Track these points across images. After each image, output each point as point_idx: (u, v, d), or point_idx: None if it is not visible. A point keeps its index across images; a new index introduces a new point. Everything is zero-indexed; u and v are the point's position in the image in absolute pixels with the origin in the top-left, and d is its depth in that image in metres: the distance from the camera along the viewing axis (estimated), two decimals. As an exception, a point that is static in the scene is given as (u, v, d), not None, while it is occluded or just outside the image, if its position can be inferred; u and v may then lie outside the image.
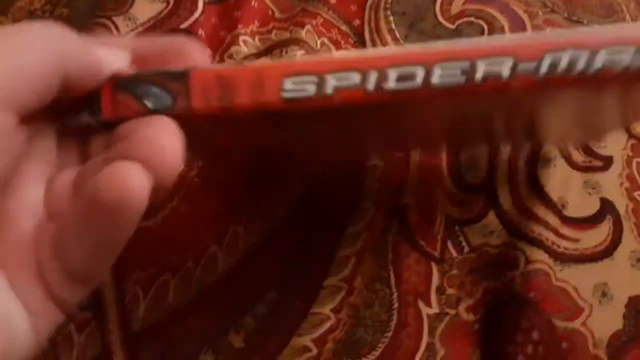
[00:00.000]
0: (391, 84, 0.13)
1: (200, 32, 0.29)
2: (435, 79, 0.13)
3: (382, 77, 0.13)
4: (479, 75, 0.13)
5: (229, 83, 0.14)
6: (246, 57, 0.28)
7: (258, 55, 0.29)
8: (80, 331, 0.24)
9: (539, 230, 0.24)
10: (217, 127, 0.16)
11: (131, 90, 0.14)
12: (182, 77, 0.14)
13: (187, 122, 0.14)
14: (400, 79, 0.13)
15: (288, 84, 0.13)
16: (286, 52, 0.28)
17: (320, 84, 0.13)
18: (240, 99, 0.14)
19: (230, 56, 0.28)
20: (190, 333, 0.24)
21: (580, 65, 0.13)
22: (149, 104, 0.14)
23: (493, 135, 0.23)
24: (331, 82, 0.13)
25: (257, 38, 0.29)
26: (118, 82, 0.14)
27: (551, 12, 0.28)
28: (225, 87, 0.14)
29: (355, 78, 0.13)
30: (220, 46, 0.29)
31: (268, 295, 0.24)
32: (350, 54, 0.14)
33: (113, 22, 0.29)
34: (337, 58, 0.13)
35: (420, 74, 0.13)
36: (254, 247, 0.25)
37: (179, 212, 0.25)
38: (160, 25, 0.29)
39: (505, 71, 0.13)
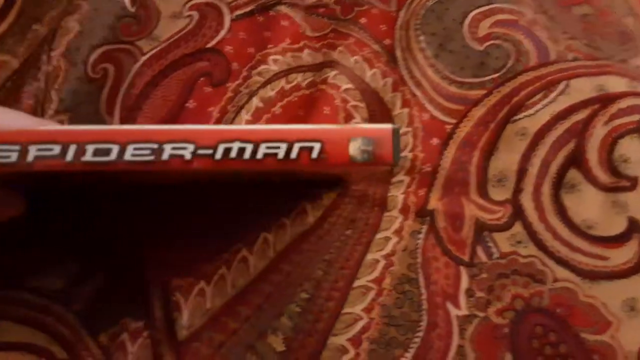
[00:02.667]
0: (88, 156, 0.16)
1: (228, 48, 0.30)
2: (127, 156, 0.16)
3: (80, 150, 0.16)
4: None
5: None
6: (276, 75, 0.29)
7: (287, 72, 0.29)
8: (133, 341, 0.25)
9: (565, 252, 0.25)
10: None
11: None
12: None
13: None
14: (97, 153, 0.16)
15: None
16: (319, 75, 0.29)
17: (22, 152, 0.15)
18: None
19: (259, 74, 0.29)
20: (231, 337, 0.25)
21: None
22: None
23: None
24: (32, 152, 0.16)
25: (288, 55, 0.30)
26: None
27: (572, 38, 0.29)
28: None
29: (55, 149, 0.16)
30: (248, 62, 0.30)
31: (300, 295, 0.26)
32: (50, 128, 0.16)
33: (136, 46, 0.30)
34: (40, 131, 0.16)
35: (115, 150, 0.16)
36: (285, 251, 0.26)
37: (211, 222, 0.27)
38: (184, 42, 0.30)
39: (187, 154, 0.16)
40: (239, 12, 0.31)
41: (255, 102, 0.29)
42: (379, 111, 0.29)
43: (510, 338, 0.25)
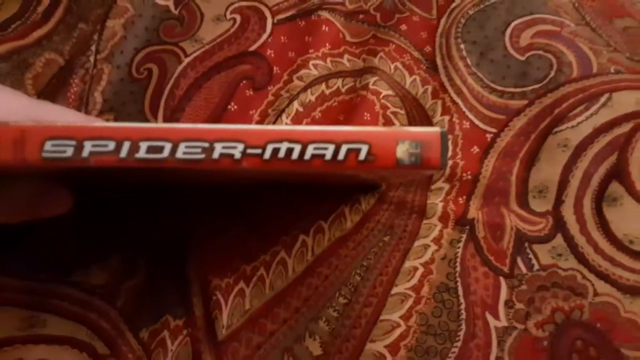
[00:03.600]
0: (142, 153, 0.16)
1: (269, 52, 0.30)
2: (179, 154, 0.16)
3: (134, 147, 0.16)
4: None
5: None
6: (316, 79, 0.29)
7: (327, 77, 0.29)
8: (173, 338, 0.25)
9: (605, 266, 0.25)
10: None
11: None
12: None
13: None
14: (150, 150, 0.16)
15: (48, 145, 0.16)
16: (359, 81, 0.29)
17: (78, 148, 0.16)
18: (2, 155, 0.16)
19: (300, 78, 0.29)
20: (269, 338, 0.25)
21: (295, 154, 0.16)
22: None
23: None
24: (88, 147, 0.16)
25: (328, 60, 0.30)
26: None
27: (614, 51, 0.29)
28: None
29: (110, 145, 0.16)
30: (289, 67, 0.30)
31: (338, 300, 0.26)
32: (107, 124, 0.17)
33: (180, 47, 0.30)
34: (96, 127, 0.16)
35: (167, 147, 0.16)
36: (323, 255, 0.27)
37: (251, 224, 0.27)
38: (227, 45, 0.30)
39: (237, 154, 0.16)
40: (280, 16, 0.32)
41: (296, 106, 0.29)
42: (418, 118, 0.29)
43: (549, 351, 0.24)
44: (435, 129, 0.16)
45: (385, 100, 0.29)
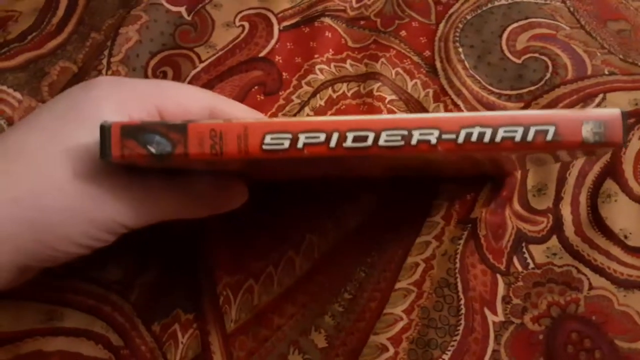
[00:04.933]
0: (348, 143, 0.17)
1: (278, 58, 0.31)
2: (381, 142, 0.17)
3: (342, 137, 0.17)
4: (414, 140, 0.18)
5: (220, 135, 0.17)
6: (323, 84, 0.30)
7: (332, 82, 0.30)
8: (184, 331, 0.27)
9: (601, 260, 0.26)
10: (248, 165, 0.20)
11: (137, 137, 0.17)
12: (182, 128, 0.17)
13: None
14: (355, 139, 0.17)
15: (268, 138, 0.17)
16: (364, 87, 0.30)
17: (294, 140, 0.17)
18: (228, 148, 0.17)
19: (308, 83, 0.31)
20: (276, 332, 0.26)
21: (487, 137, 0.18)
22: (152, 149, 0.17)
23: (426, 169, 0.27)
24: (302, 139, 0.17)
25: (332, 65, 0.31)
26: (125, 130, 0.17)
27: (608, 53, 0.30)
28: (216, 138, 0.17)
29: (321, 137, 0.17)
30: (297, 72, 0.31)
31: (343, 295, 0.27)
32: (316, 118, 0.18)
33: (195, 52, 0.31)
34: (307, 120, 0.18)
35: (371, 136, 0.17)
36: (328, 253, 0.28)
37: (259, 223, 0.28)
38: (239, 50, 0.31)
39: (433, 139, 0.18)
40: (286, 23, 0.33)
41: (307, 111, 0.30)
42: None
43: (545, 344, 0.25)
44: (615, 110, 0.17)
45: (391, 105, 0.30)
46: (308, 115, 0.30)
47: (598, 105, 0.29)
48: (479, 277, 0.26)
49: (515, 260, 0.27)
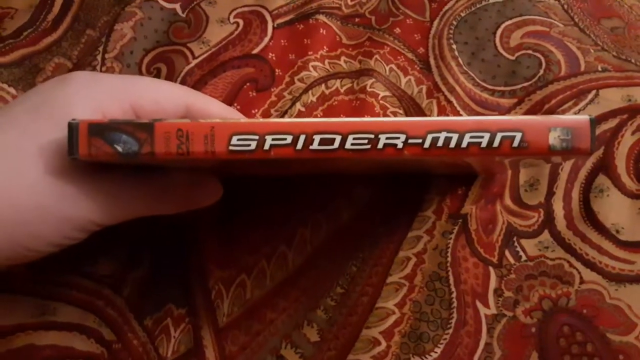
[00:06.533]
0: (315, 145, 0.18)
1: (271, 55, 0.31)
2: (348, 145, 0.18)
3: (309, 140, 0.18)
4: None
5: (187, 135, 0.17)
6: (316, 81, 0.30)
7: (326, 78, 0.31)
8: (176, 326, 0.27)
9: (592, 254, 0.26)
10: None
11: (104, 135, 0.17)
12: (149, 127, 0.17)
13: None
14: (322, 142, 0.18)
15: (235, 139, 0.17)
16: (357, 83, 0.30)
17: (260, 141, 0.17)
18: (195, 148, 0.17)
19: (301, 80, 0.31)
20: (268, 326, 0.27)
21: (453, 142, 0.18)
22: (119, 148, 0.17)
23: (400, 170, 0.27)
24: (269, 141, 0.17)
25: (326, 62, 0.31)
26: (93, 128, 0.18)
27: (602, 50, 0.30)
28: (183, 138, 0.17)
29: (288, 139, 0.17)
30: (290, 69, 0.31)
31: (336, 290, 0.27)
32: (283, 120, 0.18)
33: (188, 48, 0.31)
34: (275, 122, 0.18)
35: (337, 139, 0.18)
36: (320, 247, 0.28)
37: (252, 217, 0.28)
38: (232, 46, 0.32)
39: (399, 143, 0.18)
40: (280, 20, 0.33)
41: (298, 106, 0.30)
42: (417, 117, 0.30)
43: (537, 337, 0.25)
44: (584, 117, 0.17)
45: (383, 101, 0.30)
46: (299, 110, 0.30)
47: (591, 101, 0.29)
48: (470, 270, 0.27)
49: (507, 252, 0.27)
